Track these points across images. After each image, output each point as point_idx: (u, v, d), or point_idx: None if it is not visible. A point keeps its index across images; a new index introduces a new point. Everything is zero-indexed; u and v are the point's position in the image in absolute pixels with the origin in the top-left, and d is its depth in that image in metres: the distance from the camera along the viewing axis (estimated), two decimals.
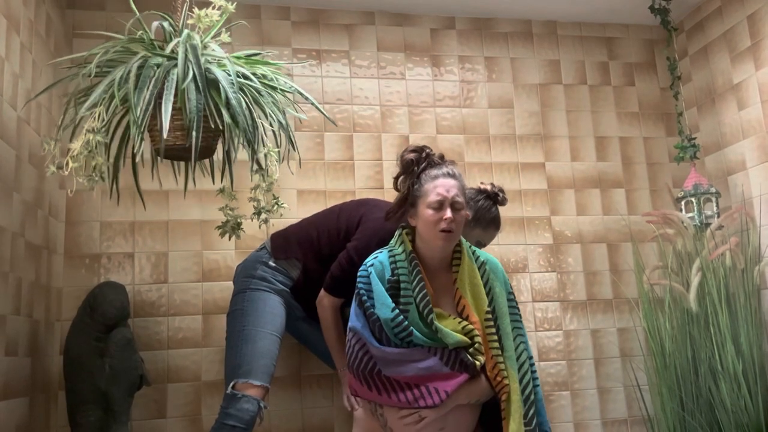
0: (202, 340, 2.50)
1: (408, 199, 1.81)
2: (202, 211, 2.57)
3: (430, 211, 1.75)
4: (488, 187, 2.09)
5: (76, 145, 1.59)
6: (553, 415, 2.71)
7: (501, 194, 2.09)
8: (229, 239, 2.12)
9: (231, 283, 2.55)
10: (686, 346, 2.52)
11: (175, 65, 1.66)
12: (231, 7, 1.82)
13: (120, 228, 2.52)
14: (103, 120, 1.61)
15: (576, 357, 2.81)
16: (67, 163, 1.61)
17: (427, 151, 1.83)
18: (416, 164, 1.81)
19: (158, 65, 1.68)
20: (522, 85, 3.00)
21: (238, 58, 1.87)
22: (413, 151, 1.83)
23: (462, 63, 2.97)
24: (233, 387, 2.03)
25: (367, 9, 2.90)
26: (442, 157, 1.85)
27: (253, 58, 1.92)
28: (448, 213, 1.74)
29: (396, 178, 1.87)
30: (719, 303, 2.45)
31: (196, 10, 1.82)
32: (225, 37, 1.84)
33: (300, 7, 2.84)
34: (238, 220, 2.02)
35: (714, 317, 2.45)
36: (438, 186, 1.77)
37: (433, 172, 1.80)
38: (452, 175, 1.80)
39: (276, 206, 1.93)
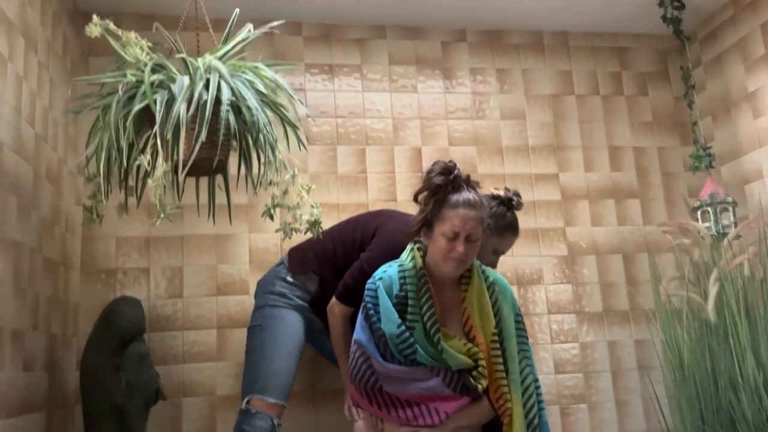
0: (217, 354, 2.51)
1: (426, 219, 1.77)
2: (216, 225, 2.58)
3: (443, 240, 1.72)
4: (501, 193, 2.05)
5: (152, 184, 1.59)
6: (570, 428, 2.68)
7: (516, 198, 2.03)
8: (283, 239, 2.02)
9: (245, 296, 2.57)
10: (705, 357, 2.48)
11: (204, 86, 1.67)
12: (252, 33, 1.84)
13: (136, 243, 2.54)
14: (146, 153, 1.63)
15: (593, 369, 2.78)
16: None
17: (456, 173, 1.75)
18: (442, 190, 1.75)
19: (179, 85, 1.70)
20: (534, 96, 3.00)
21: (253, 70, 1.87)
22: (441, 174, 1.75)
23: (473, 75, 2.98)
24: (248, 403, 2.03)
25: (378, 23, 2.92)
26: (468, 180, 1.78)
27: (259, 69, 1.92)
28: (461, 247, 1.71)
29: (418, 193, 1.81)
30: (738, 314, 2.41)
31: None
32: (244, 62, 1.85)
33: (312, 23, 2.87)
34: (292, 227, 1.96)
35: (733, 328, 2.41)
36: (456, 217, 1.70)
37: (455, 198, 1.73)
38: (473, 205, 1.72)
39: (315, 228, 1.90)
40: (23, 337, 1.89)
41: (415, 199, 1.82)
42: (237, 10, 1.92)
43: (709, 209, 2.61)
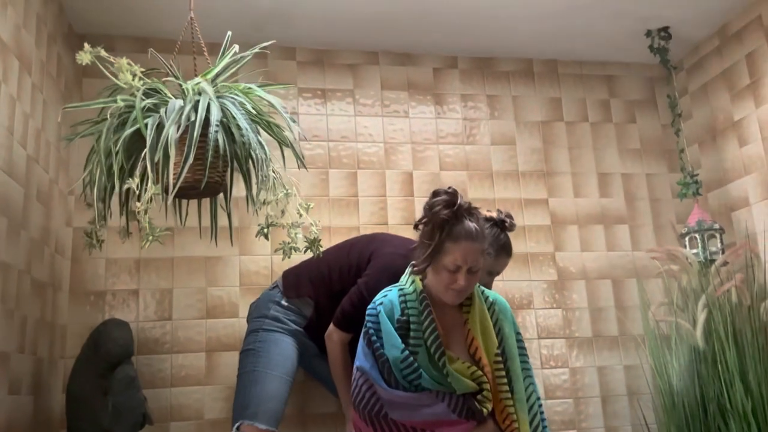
0: (206, 378, 2.48)
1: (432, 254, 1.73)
2: (206, 247, 2.57)
3: (444, 273, 1.71)
4: (494, 215, 2.07)
5: (140, 207, 1.60)
6: None
7: (509, 220, 2.05)
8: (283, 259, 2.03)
9: (235, 319, 2.55)
10: (694, 383, 2.49)
11: (193, 107, 1.68)
12: (247, 56, 1.86)
13: (125, 265, 2.53)
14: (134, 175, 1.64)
15: (583, 395, 2.77)
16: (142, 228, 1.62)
17: (460, 203, 1.71)
18: (447, 225, 1.70)
19: (166, 108, 1.71)
20: (524, 123, 3.04)
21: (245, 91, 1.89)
22: (446, 207, 1.71)
23: (464, 101, 3.01)
24: (238, 428, 2.01)
25: (371, 49, 2.96)
26: (469, 210, 1.73)
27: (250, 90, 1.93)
28: (461, 281, 1.70)
29: (420, 221, 1.77)
30: (726, 340, 2.43)
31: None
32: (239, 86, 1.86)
33: (305, 48, 2.90)
34: (291, 246, 1.95)
35: (721, 354, 2.43)
36: (459, 251, 1.68)
37: (458, 230, 1.69)
38: (475, 237, 1.70)
39: (315, 246, 1.89)
40: (9, 360, 1.87)
41: (416, 227, 1.79)
42: (229, 32, 1.94)
43: (697, 236, 2.64)
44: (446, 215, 1.70)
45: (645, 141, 3.14)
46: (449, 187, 1.76)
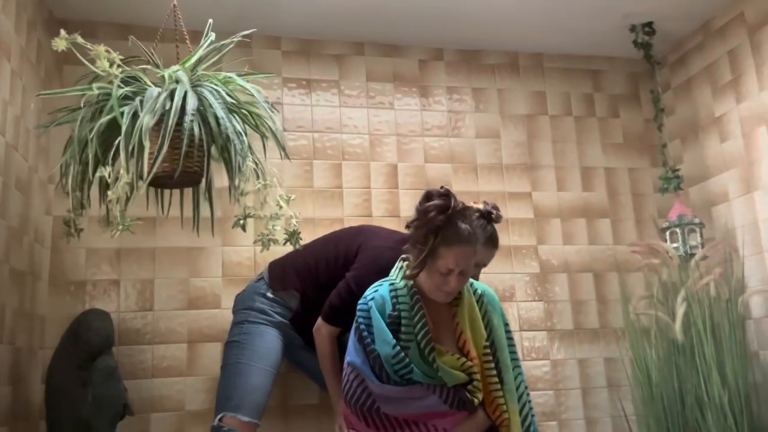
0: (187, 368, 2.47)
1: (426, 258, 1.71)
2: (189, 238, 2.55)
3: (437, 275, 1.71)
4: (481, 206, 2.08)
5: (113, 195, 1.58)
6: None
7: (495, 212, 2.05)
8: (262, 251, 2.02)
9: (217, 310, 2.54)
10: (672, 376, 2.52)
11: (168, 96, 1.66)
12: (229, 46, 1.83)
13: (106, 255, 2.50)
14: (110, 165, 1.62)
15: (563, 387, 2.80)
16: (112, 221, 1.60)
17: (453, 205, 1.69)
18: (441, 230, 1.68)
19: (142, 96, 1.69)
20: (509, 116, 3.05)
21: (224, 80, 1.87)
22: (442, 212, 1.67)
23: (450, 93, 3.01)
24: (221, 420, 2.00)
25: (356, 40, 2.94)
26: (462, 212, 1.71)
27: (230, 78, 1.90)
28: (453, 283, 1.70)
29: (412, 223, 1.74)
30: (704, 333, 2.46)
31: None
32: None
33: (290, 37, 2.88)
34: (269, 238, 1.94)
35: (700, 347, 2.46)
36: (451, 255, 1.67)
37: (451, 235, 1.67)
38: (468, 241, 1.69)
39: (294, 239, 1.88)
40: None
41: (407, 227, 1.77)
42: (210, 20, 1.91)
43: (678, 230, 2.67)
44: (441, 221, 1.67)
45: (628, 135, 3.16)
46: (442, 187, 1.74)
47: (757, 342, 2.61)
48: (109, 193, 1.59)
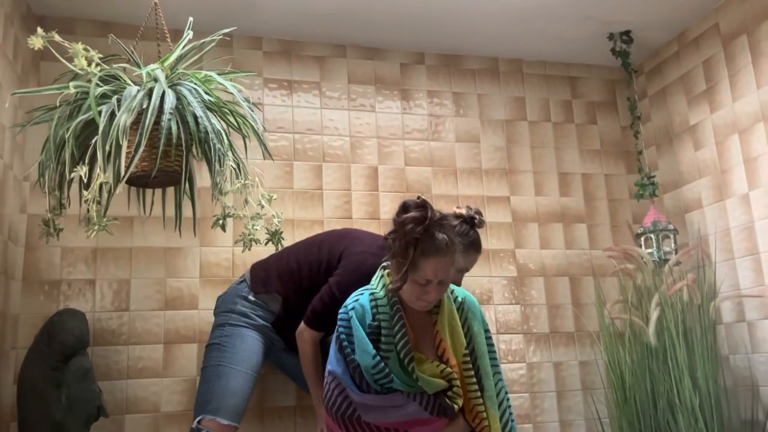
0: (163, 370, 2.45)
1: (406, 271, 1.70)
2: (166, 238, 2.53)
3: (416, 285, 1.70)
4: (464, 211, 2.08)
5: (89, 195, 1.56)
6: None
7: (478, 217, 2.06)
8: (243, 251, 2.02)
9: (194, 311, 2.52)
10: (646, 379, 2.56)
11: (146, 95, 1.66)
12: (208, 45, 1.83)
13: (82, 254, 2.47)
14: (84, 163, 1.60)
15: (539, 389, 2.83)
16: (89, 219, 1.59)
17: (430, 216, 1.68)
18: (420, 243, 1.67)
19: (122, 95, 1.68)
20: (488, 121, 3.07)
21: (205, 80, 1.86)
22: (419, 224, 1.66)
23: (431, 97, 3.03)
24: (199, 423, 1.99)
25: (338, 42, 2.94)
26: (439, 222, 1.70)
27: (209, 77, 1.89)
28: (432, 293, 1.70)
29: (389, 235, 1.74)
30: (677, 338, 2.51)
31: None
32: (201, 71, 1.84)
33: (272, 38, 2.87)
34: (251, 237, 1.93)
35: (672, 351, 2.51)
36: (429, 266, 1.67)
37: (429, 246, 1.66)
38: (446, 251, 1.68)
39: (276, 238, 1.88)
40: None
41: (386, 239, 1.77)
42: (191, 18, 1.90)
43: (652, 236, 2.71)
44: (418, 233, 1.66)
45: (605, 142, 3.21)
46: (418, 198, 1.73)
47: (728, 346, 2.66)
48: (85, 192, 1.58)
